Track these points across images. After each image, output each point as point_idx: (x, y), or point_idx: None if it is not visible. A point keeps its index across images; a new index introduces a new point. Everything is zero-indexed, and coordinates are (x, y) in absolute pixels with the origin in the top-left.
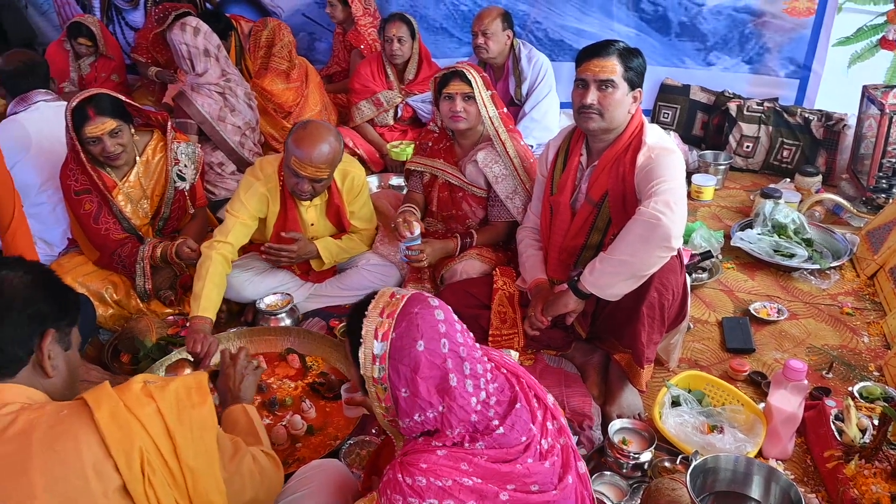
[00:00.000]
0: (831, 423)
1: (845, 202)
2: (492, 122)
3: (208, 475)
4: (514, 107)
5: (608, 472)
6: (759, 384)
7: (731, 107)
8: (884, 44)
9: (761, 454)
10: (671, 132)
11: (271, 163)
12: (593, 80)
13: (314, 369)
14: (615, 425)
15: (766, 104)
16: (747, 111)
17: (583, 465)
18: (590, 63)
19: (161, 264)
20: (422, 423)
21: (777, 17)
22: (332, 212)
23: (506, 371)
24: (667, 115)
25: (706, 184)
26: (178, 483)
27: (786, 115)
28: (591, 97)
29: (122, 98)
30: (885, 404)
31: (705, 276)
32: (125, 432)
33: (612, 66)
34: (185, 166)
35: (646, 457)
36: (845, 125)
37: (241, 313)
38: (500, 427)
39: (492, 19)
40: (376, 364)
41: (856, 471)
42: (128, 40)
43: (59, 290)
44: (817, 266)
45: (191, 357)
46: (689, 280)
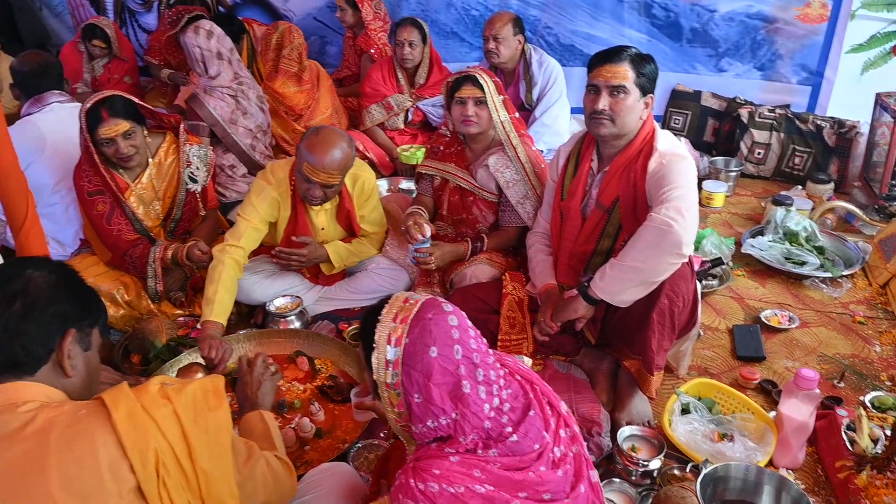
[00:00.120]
0: (843, 433)
1: (857, 210)
2: (503, 127)
3: (222, 478)
4: (525, 112)
5: (617, 480)
6: (769, 392)
7: (743, 113)
8: None
9: (772, 463)
10: (682, 138)
11: (282, 167)
12: (605, 85)
13: (323, 372)
14: (624, 432)
15: (777, 111)
16: (759, 118)
17: (595, 475)
18: (602, 68)
19: (172, 266)
20: (435, 429)
21: (789, 23)
22: (342, 216)
23: (520, 377)
24: (678, 121)
25: (717, 190)
26: (191, 485)
27: (798, 122)
28: (603, 103)
29: (136, 100)
30: None
31: (716, 283)
32: (141, 433)
33: (625, 72)
34: (197, 168)
35: (655, 464)
36: (858, 132)
37: (250, 315)
38: (514, 434)
39: (503, 24)
40: (389, 369)
41: (867, 481)
42: (141, 42)
43: (82, 291)
44: (829, 274)
45: (203, 362)
46: (699, 287)
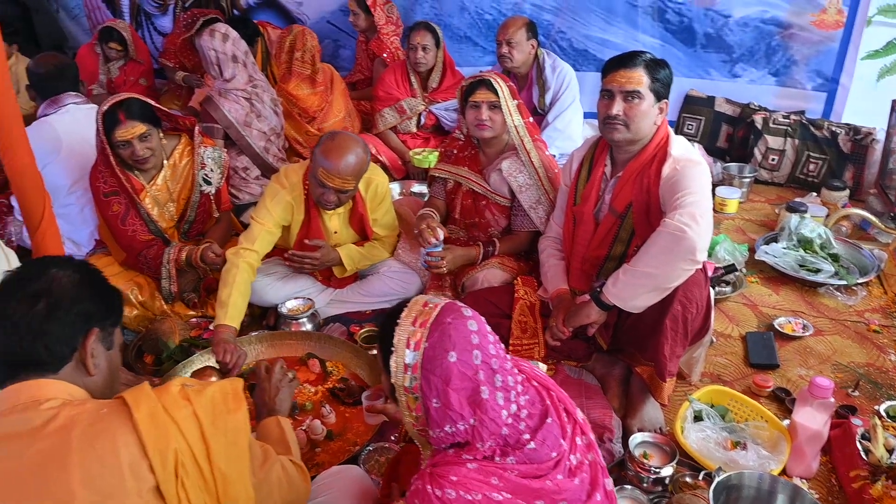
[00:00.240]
0: (857, 443)
1: (873, 217)
2: (517, 132)
3: (239, 481)
4: (538, 116)
5: (628, 486)
6: (783, 401)
7: (757, 119)
8: None
9: (785, 472)
10: (695, 144)
11: (296, 171)
12: (619, 90)
13: (334, 375)
14: (636, 439)
15: (792, 117)
16: (773, 124)
17: (610, 483)
18: (616, 73)
19: (186, 268)
20: (452, 434)
21: (805, 29)
22: (355, 220)
23: (536, 383)
24: (691, 127)
25: (730, 196)
26: (209, 486)
27: (812, 129)
28: (617, 108)
29: (152, 103)
30: None
31: (729, 289)
32: (162, 433)
33: (639, 77)
34: (212, 170)
35: (667, 471)
36: (873, 139)
37: (263, 317)
38: (532, 441)
39: (516, 29)
40: (408, 373)
41: (882, 492)
42: (156, 45)
43: (105, 291)
44: (844, 282)
45: (216, 365)
46: (712, 293)
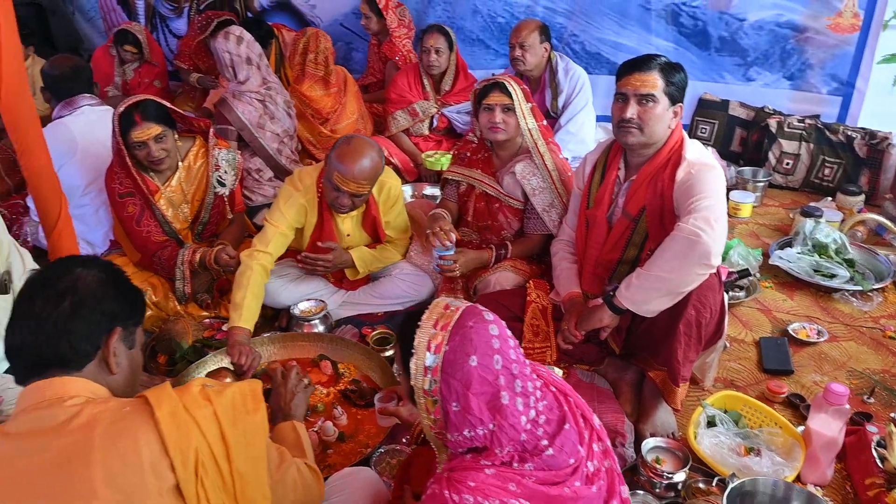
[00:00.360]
0: (873, 450)
1: (889, 222)
2: (531, 135)
3: (256, 482)
4: (550, 119)
5: (641, 492)
6: (797, 407)
7: (772, 123)
8: None
9: (799, 479)
10: (709, 147)
11: (310, 174)
12: (634, 94)
13: (346, 376)
14: (648, 444)
15: (807, 121)
16: (788, 128)
17: (626, 490)
18: (631, 77)
19: (199, 269)
20: (471, 438)
21: (820, 32)
22: (368, 223)
23: (554, 389)
24: (704, 131)
25: (744, 201)
26: (227, 487)
27: (828, 133)
28: (631, 111)
29: (168, 104)
30: None
31: (742, 294)
32: (183, 433)
33: (654, 81)
34: (226, 172)
35: (679, 477)
36: (889, 144)
37: (275, 318)
38: (550, 448)
39: (529, 32)
40: (427, 376)
41: None
42: (171, 47)
43: (129, 290)
44: (859, 287)
45: (230, 367)
46: (726, 298)
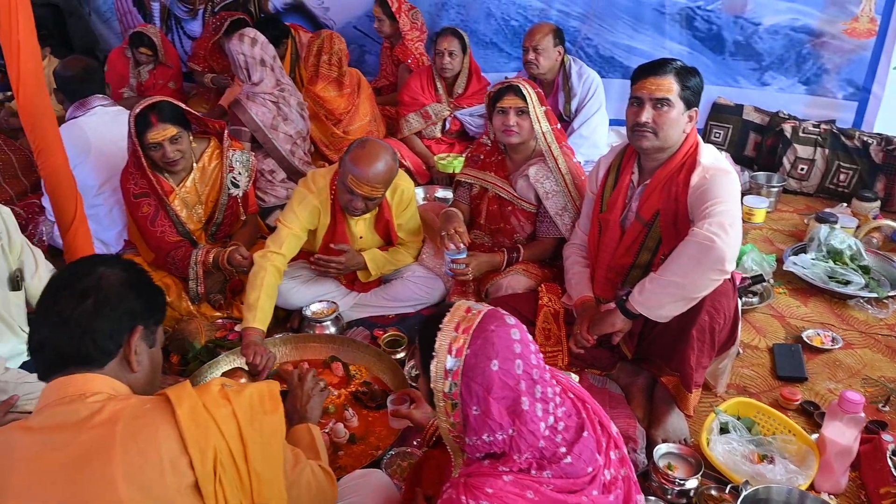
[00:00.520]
0: (888, 459)
1: None
2: (545, 138)
3: (272, 482)
4: (563, 123)
5: (652, 498)
6: (811, 414)
7: (786, 128)
8: None
9: (813, 487)
10: (722, 152)
11: (324, 176)
12: (649, 98)
13: (357, 378)
14: (661, 450)
15: (822, 126)
16: (803, 133)
17: (642, 499)
18: (646, 81)
19: (212, 269)
20: (490, 443)
21: (836, 37)
22: (380, 225)
23: (572, 395)
24: (718, 135)
25: (758, 206)
26: (244, 486)
27: (843, 138)
28: (646, 115)
29: (183, 106)
30: None
31: (756, 300)
32: (202, 431)
33: (669, 85)
34: (240, 174)
35: (692, 483)
36: None
37: (286, 319)
38: (568, 456)
39: (543, 35)
40: (448, 379)
41: None
42: (185, 49)
43: (150, 290)
44: (874, 294)
45: (245, 367)
46: (739, 304)
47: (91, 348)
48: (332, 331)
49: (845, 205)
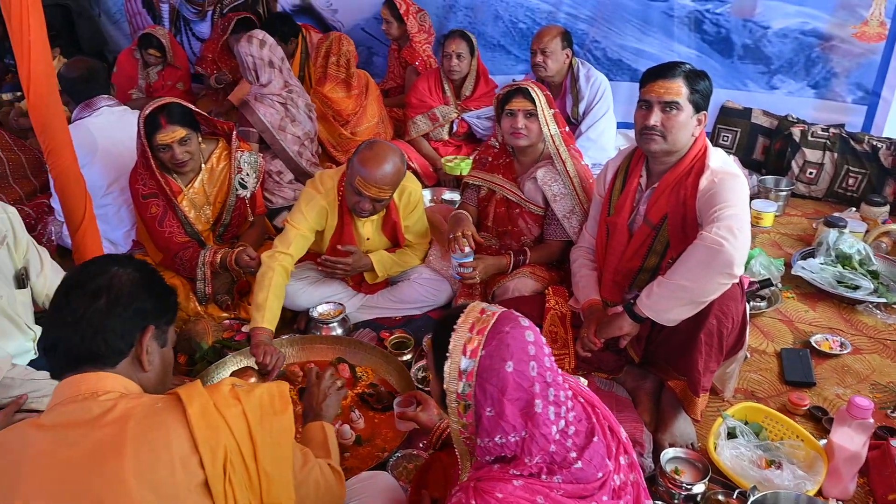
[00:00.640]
0: None
1: None
2: (553, 141)
3: (281, 481)
4: (571, 125)
5: (659, 502)
6: (819, 419)
7: (795, 132)
8: None
9: (821, 493)
10: (730, 156)
11: (332, 177)
12: (657, 101)
13: (364, 380)
14: (668, 454)
15: (831, 130)
16: (812, 137)
17: None
18: (655, 84)
19: (220, 270)
20: (501, 445)
21: (846, 41)
22: (388, 227)
23: (583, 399)
24: (726, 139)
25: (766, 210)
26: (253, 486)
27: (852, 142)
28: (655, 118)
29: (192, 107)
30: None
31: (764, 304)
32: (213, 430)
33: (678, 88)
34: (248, 175)
35: (699, 488)
36: None
37: (293, 321)
38: (579, 461)
39: (551, 38)
40: (462, 380)
41: None
42: (194, 50)
43: (162, 290)
44: (884, 300)
45: (255, 366)
46: (747, 308)
47: (103, 347)
48: (339, 332)
49: (854, 209)
